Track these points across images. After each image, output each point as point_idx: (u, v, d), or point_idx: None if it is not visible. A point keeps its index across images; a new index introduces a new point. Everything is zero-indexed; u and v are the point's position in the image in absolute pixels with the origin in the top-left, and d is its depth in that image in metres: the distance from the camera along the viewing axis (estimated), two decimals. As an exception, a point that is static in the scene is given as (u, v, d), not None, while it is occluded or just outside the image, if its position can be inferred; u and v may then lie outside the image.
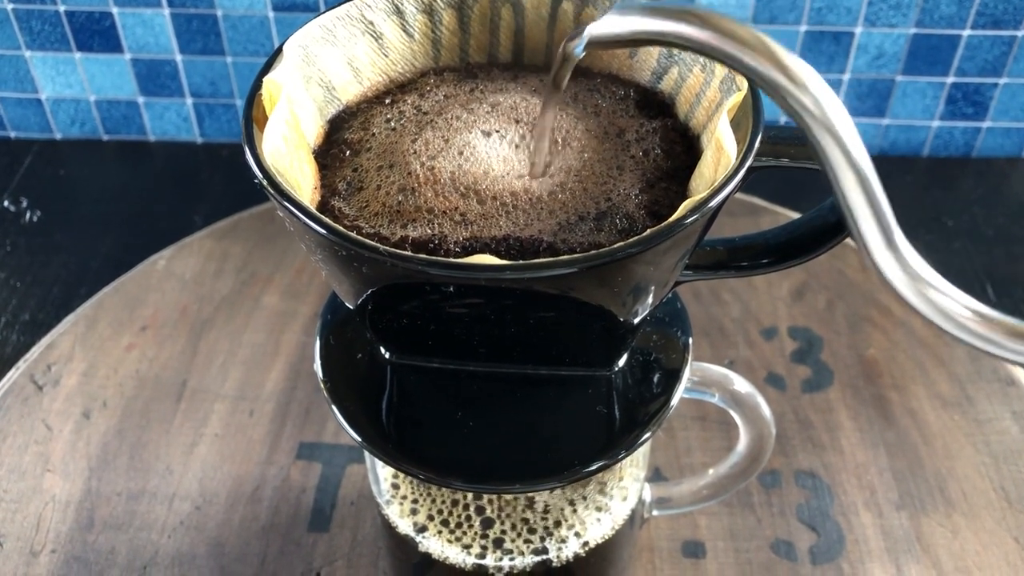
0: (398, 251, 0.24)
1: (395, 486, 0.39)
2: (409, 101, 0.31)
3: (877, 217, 0.21)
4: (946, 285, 0.21)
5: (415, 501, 0.38)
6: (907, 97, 0.69)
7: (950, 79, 0.68)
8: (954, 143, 0.71)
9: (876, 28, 0.65)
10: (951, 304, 0.21)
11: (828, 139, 0.20)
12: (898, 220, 0.22)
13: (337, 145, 0.30)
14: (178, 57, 0.68)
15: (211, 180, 0.70)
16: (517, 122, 0.29)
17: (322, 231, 0.24)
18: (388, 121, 0.30)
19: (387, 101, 0.31)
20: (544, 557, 0.37)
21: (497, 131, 0.29)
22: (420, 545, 0.38)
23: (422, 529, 0.38)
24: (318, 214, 0.25)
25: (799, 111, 0.21)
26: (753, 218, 0.65)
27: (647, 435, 0.33)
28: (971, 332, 0.21)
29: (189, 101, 0.71)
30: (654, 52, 0.31)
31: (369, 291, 0.27)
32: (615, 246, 0.24)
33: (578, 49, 0.25)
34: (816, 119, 0.20)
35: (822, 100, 0.21)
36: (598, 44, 0.25)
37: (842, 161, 0.21)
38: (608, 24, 0.24)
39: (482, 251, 0.26)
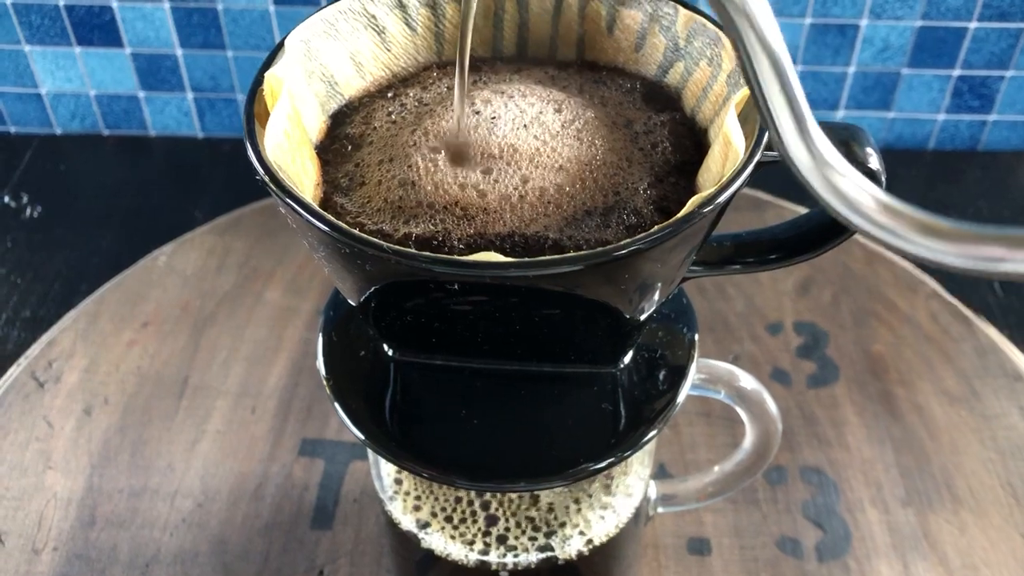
0: (401, 248, 0.24)
1: (398, 482, 0.39)
2: (411, 94, 0.31)
3: (790, 103, 0.21)
4: (853, 173, 0.21)
5: (418, 497, 0.38)
6: (913, 90, 0.68)
7: (956, 72, 0.67)
8: (960, 136, 0.71)
9: (882, 20, 0.65)
10: (857, 192, 0.21)
11: (745, 24, 0.20)
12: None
13: (339, 140, 0.30)
14: (179, 51, 0.68)
15: (212, 175, 0.70)
16: (522, 112, 0.29)
17: (324, 228, 0.24)
18: (389, 114, 0.30)
19: (389, 95, 0.31)
20: (549, 554, 0.37)
21: (501, 118, 0.29)
22: (423, 542, 0.38)
23: (425, 526, 0.38)
24: (320, 211, 0.24)
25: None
26: (758, 213, 0.64)
27: (653, 433, 0.32)
28: (876, 223, 0.21)
29: (190, 96, 0.71)
30: (660, 46, 0.31)
31: (372, 288, 0.27)
32: (621, 243, 0.23)
33: None
34: (734, 4, 0.20)
35: None
36: None
37: (757, 46, 0.20)
38: None
39: (486, 248, 0.26)
